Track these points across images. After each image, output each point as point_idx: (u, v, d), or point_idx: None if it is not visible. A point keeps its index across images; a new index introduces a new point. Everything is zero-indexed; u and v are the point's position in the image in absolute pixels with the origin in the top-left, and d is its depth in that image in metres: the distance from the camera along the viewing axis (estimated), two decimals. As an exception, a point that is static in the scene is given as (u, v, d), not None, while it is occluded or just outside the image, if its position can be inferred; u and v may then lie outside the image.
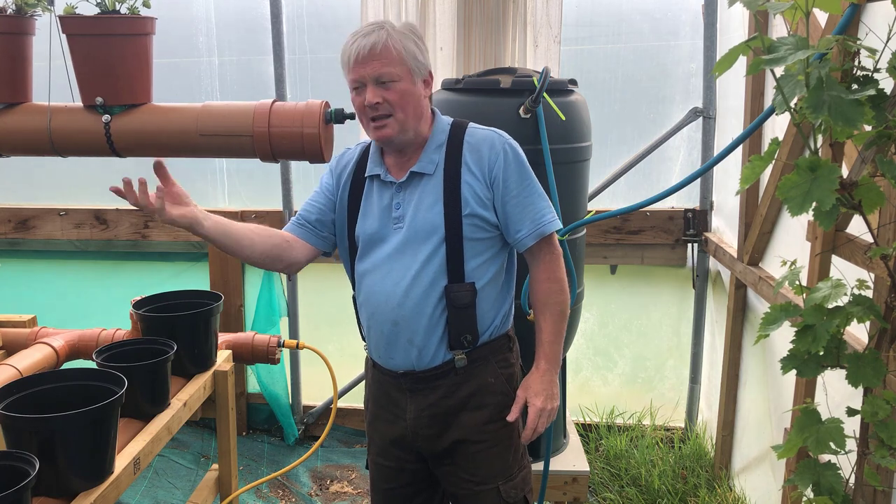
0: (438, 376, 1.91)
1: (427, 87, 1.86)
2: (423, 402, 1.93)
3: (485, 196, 1.85)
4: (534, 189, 1.88)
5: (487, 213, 1.85)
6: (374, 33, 1.77)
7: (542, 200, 1.88)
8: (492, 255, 1.90)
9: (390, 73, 1.77)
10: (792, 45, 1.26)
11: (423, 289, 1.85)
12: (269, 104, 2.27)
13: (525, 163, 1.88)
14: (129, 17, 2.21)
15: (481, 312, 1.89)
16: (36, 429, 1.69)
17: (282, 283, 3.81)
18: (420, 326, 1.87)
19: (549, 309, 1.90)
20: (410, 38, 1.80)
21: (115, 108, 2.28)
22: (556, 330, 1.91)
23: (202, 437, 3.81)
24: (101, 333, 2.57)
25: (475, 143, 1.87)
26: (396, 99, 1.79)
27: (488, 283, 1.89)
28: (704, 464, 3.34)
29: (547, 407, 1.88)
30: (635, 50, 3.50)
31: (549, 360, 1.90)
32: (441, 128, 1.91)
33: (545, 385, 1.89)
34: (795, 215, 1.27)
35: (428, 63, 1.85)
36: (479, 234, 1.86)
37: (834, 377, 1.65)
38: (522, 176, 1.86)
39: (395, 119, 1.81)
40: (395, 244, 1.87)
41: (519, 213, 1.86)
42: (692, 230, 3.51)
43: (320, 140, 2.25)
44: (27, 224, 3.86)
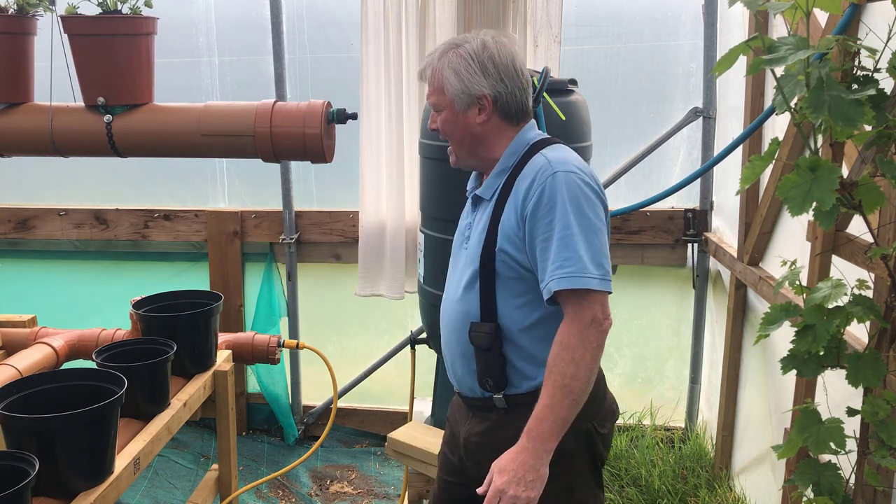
0: (485, 409, 1.81)
1: (483, 113, 1.73)
2: (475, 428, 1.85)
3: (515, 234, 1.69)
4: (561, 233, 1.61)
5: (518, 254, 1.69)
6: (427, 59, 1.77)
7: (565, 250, 1.61)
8: (532, 300, 1.71)
9: (434, 102, 1.77)
10: (792, 44, 1.26)
11: (460, 319, 1.78)
12: (271, 104, 2.27)
13: (564, 201, 1.62)
14: (131, 17, 2.21)
15: (518, 359, 1.73)
16: (36, 429, 1.69)
17: (282, 283, 3.81)
18: (457, 355, 1.81)
19: (551, 378, 1.62)
20: (454, 64, 1.71)
21: (116, 108, 2.28)
22: (551, 404, 1.60)
23: (202, 437, 3.81)
24: (101, 333, 2.58)
25: (527, 171, 1.70)
26: (441, 127, 1.78)
27: (529, 329, 1.72)
28: (704, 464, 3.34)
29: (509, 491, 1.59)
30: (635, 50, 3.50)
31: (530, 437, 1.61)
32: (514, 150, 1.76)
33: (516, 465, 1.61)
34: (796, 215, 1.28)
35: (480, 87, 1.71)
36: (512, 273, 1.71)
37: (834, 377, 1.66)
38: (554, 216, 1.62)
39: (451, 147, 1.81)
40: (459, 265, 1.83)
41: (541, 261, 1.65)
42: (692, 230, 3.51)
43: (322, 140, 2.25)
44: (27, 224, 3.86)
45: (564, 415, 1.61)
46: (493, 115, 1.75)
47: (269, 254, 3.79)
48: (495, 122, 1.76)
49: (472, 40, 1.74)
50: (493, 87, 1.72)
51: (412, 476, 2.69)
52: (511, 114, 1.77)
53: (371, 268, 3.49)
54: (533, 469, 1.61)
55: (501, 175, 1.76)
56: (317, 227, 3.73)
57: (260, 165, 2.48)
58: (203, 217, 3.76)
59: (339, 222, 3.70)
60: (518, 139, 1.78)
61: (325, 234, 3.73)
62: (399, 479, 3.59)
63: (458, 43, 1.75)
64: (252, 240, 3.77)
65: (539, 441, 1.61)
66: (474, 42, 1.74)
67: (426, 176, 2.66)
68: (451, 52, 1.73)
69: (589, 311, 1.61)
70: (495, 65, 1.72)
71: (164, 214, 3.79)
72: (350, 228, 3.67)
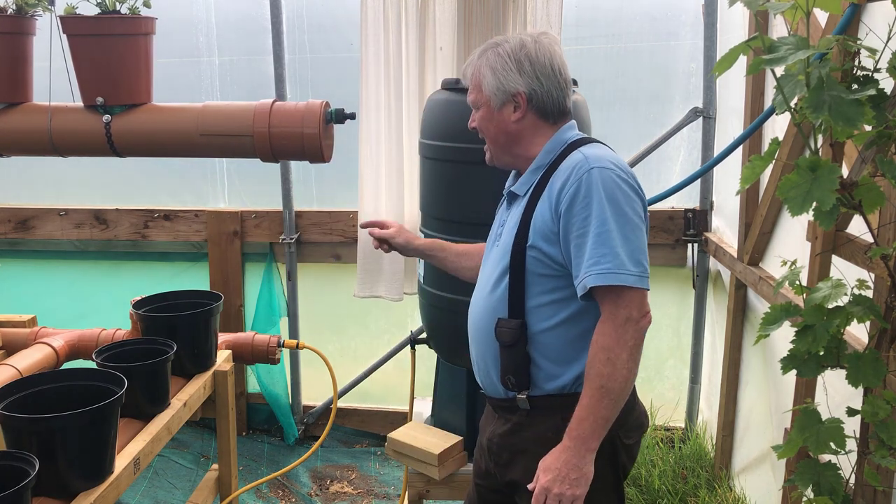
0: (508, 409, 1.80)
1: (518, 110, 1.74)
2: (499, 429, 1.84)
3: (549, 229, 1.67)
4: (598, 229, 1.60)
5: (551, 249, 1.68)
6: (471, 58, 1.80)
7: (601, 246, 1.60)
8: (563, 297, 1.70)
9: (472, 100, 1.80)
10: (792, 44, 1.26)
11: (487, 316, 1.78)
12: (269, 104, 2.27)
13: (601, 196, 1.61)
14: (130, 17, 2.21)
15: (542, 358, 1.73)
16: (36, 429, 1.69)
17: (282, 283, 3.81)
18: (484, 353, 1.81)
19: (589, 380, 1.62)
20: (492, 62, 1.73)
21: (115, 108, 2.28)
22: (590, 405, 1.61)
23: (202, 437, 3.81)
24: (101, 333, 2.58)
25: (563, 167, 1.69)
26: (477, 125, 1.81)
27: (556, 327, 1.71)
28: (704, 464, 3.34)
29: (554, 489, 1.62)
30: (635, 50, 3.50)
31: (572, 437, 1.63)
32: (551, 148, 1.76)
33: (560, 464, 1.63)
34: (796, 215, 1.28)
35: (515, 85, 1.72)
36: (543, 269, 1.70)
37: (834, 377, 1.65)
38: (590, 212, 1.61)
39: (487, 144, 1.83)
40: (489, 262, 1.84)
41: (576, 258, 1.63)
42: (692, 230, 3.51)
43: (320, 140, 2.25)
44: (27, 224, 3.86)
45: (604, 414, 1.62)
46: (528, 113, 1.75)
47: (269, 254, 3.79)
48: (531, 121, 1.76)
49: (513, 39, 1.76)
50: (528, 84, 1.73)
51: (412, 476, 2.69)
52: (547, 112, 1.76)
53: (370, 269, 3.49)
54: (576, 468, 1.62)
55: (537, 172, 1.76)
56: (317, 227, 3.73)
57: (260, 165, 2.48)
58: (203, 217, 3.76)
59: (339, 222, 3.70)
60: (556, 138, 1.77)
61: (325, 234, 3.73)
62: (399, 479, 3.59)
63: (498, 42, 1.76)
64: (252, 240, 3.77)
65: (580, 440, 1.62)
66: (514, 41, 1.75)
67: (426, 176, 2.66)
68: (491, 51, 1.75)
69: (624, 310, 1.60)
70: (531, 63, 1.72)
71: (164, 214, 3.79)
72: (350, 228, 3.67)
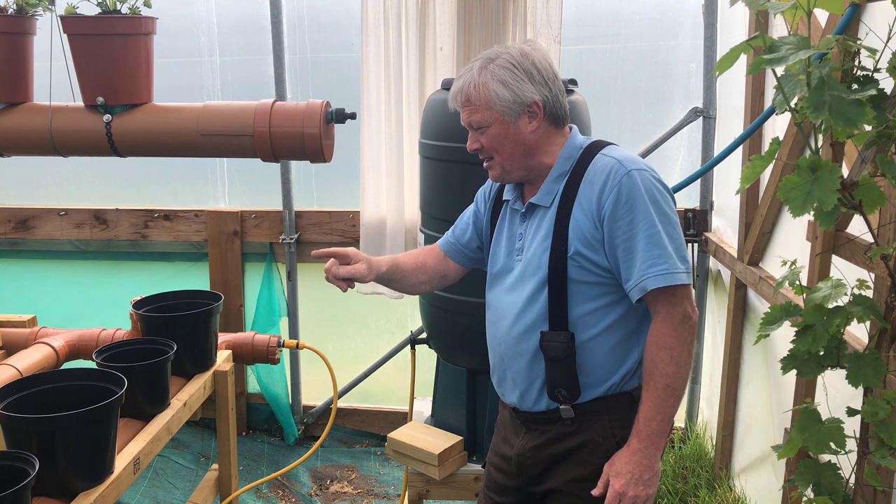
0: (547, 421, 1.78)
1: (533, 120, 1.71)
2: (531, 442, 1.82)
3: (592, 236, 1.67)
4: (647, 232, 1.62)
5: (596, 256, 1.68)
6: (463, 77, 1.72)
7: (654, 248, 1.61)
8: (608, 303, 1.71)
9: (479, 120, 1.72)
10: (793, 44, 1.26)
11: (524, 331, 1.75)
12: (269, 104, 2.27)
13: (643, 199, 1.63)
14: (130, 16, 2.21)
15: (588, 365, 1.72)
16: (36, 429, 1.69)
17: (282, 283, 3.81)
18: (521, 368, 1.77)
19: (653, 380, 1.65)
20: (499, 76, 1.68)
21: (115, 108, 2.28)
22: (656, 405, 1.64)
23: (202, 437, 3.81)
24: (101, 333, 2.57)
25: (594, 174, 1.69)
26: (489, 144, 1.73)
27: (602, 334, 1.71)
28: (704, 464, 3.34)
29: (629, 493, 1.64)
30: (635, 50, 3.50)
31: (641, 438, 1.66)
32: (568, 154, 1.75)
33: (631, 467, 1.65)
34: (797, 216, 1.27)
35: (530, 94, 1.69)
36: (588, 277, 1.69)
37: (834, 377, 1.65)
38: (635, 215, 1.62)
39: (496, 161, 1.76)
40: (513, 277, 1.79)
41: (626, 261, 1.65)
42: (692, 230, 3.51)
43: (321, 140, 2.25)
44: (27, 224, 3.86)
45: (670, 412, 1.66)
46: (542, 122, 1.73)
47: (269, 254, 3.79)
48: (545, 129, 1.74)
49: (509, 50, 1.72)
50: (541, 92, 1.71)
51: (412, 476, 2.69)
52: (557, 118, 1.76)
53: (371, 268, 3.48)
54: (648, 468, 1.66)
55: (560, 180, 1.74)
56: (317, 227, 3.73)
57: (260, 165, 2.48)
58: (203, 217, 3.76)
59: (339, 222, 3.70)
60: (570, 143, 1.77)
61: (325, 234, 3.73)
62: (399, 479, 3.59)
63: (492, 56, 1.72)
64: (252, 240, 3.77)
65: (650, 440, 1.65)
66: (512, 51, 1.72)
67: (426, 176, 2.66)
68: (491, 65, 1.70)
69: (681, 308, 1.64)
70: (538, 70, 1.71)
71: (164, 214, 3.79)
72: (350, 228, 3.67)
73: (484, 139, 1.73)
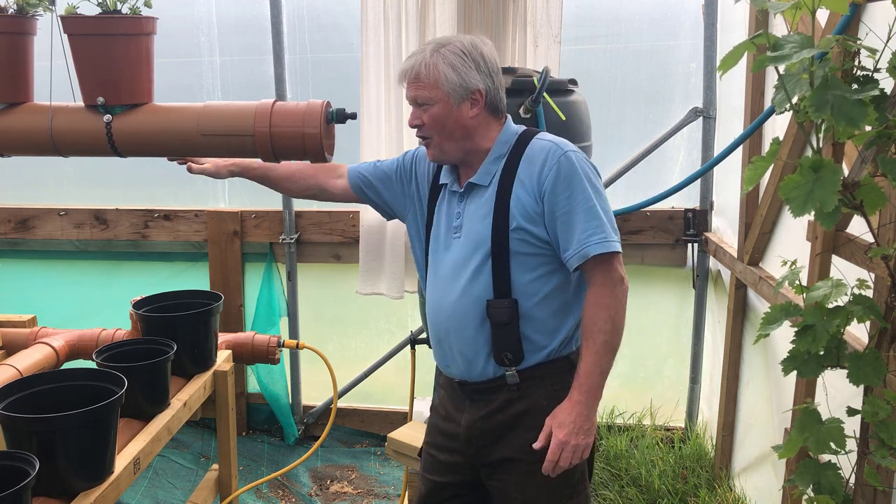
0: (493, 390, 1.89)
1: (475, 107, 1.83)
2: (478, 413, 1.92)
3: (533, 211, 1.81)
4: (585, 205, 1.77)
5: (536, 229, 1.81)
6: (414, 57, 1.84)
7: (592, 219, 1.77)
8: (546, 272, 1.84)
9: (423, 96, 1.83)
10: (797, 43, 1.26)
11: (470, 302, 1.85)
12: (270, 104, 2.27)
13: (581, 177, 1.79)
14: (131, 17, 2.21)
15: (531, 331, 1.85)
16: (36, 429, 1.69)
17: (282, 283, 3.81)
18: (468, 339, 1.87)
19: (592, 337, 1.79)
20: (449, 59, 1.80)
21: (116, 108, 2.28)
22: (596, 360, 1.78)
23: (202, 437, 3.81)
24: (101, 333, 2.57)
25: (532, 154, 1.83)
26: (430, 122, 1.84)
27: (541, 301, 1.84)
28: (705, 464, 3.34)
29: (571, 441, 1.77)
30: (635, 50, 3.50)
31: (582, 391, 1.79)
32: (505, 139, 1.88)
33: (573, 417, 1.78)
34: (798, 216, 1.27)
35: (475, 82, 1.81)
36: (528, 248, 1.82)
37: (834, 377, 1.66)
38: (573, 190, 1.78)
39: (434, 141, 1.87)
40: (453, 255, 1.89)
41: (565, 232, 1.79)
42: (692, 230, 3.50)
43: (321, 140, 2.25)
44: (27, 224, 3.86)
45: (607, 367, 1.80)
46: (482, 110, 1.85)
47: (269, 254, 3.79)
48: (484, 116, 1.87)
49: (459, 39, 1.85)
50: (484, 81, 1.84)
51: (412, 476, 2.69)
52: (496, 108, 1.89)
53: (372, 266, 3.49)
54: (588, 418, 1.80)
55: (498, 161, 1.87)
56: (317, 227, 3.73)
57: (260, 165, 2.48)
58: (203, 217, 3.76)
59: (339, 222, 3.70)
60: (506, 130, 1.91)
61: (325, 234, 3.73)
62: (399, 479, 3.59)
63: (443, 42, 1.84)
64: (252, 240, 3.77)
65: (590, 393, 1.79)
66: (464, 40, 1.85)
67: (426, 176, 2.66)
68: (444, 49, 1.82)
69: (616, 273, 1.79)
70: (485, 61, 1.85)
71: (164, 214, 3.79)
72: (350, 228, 3.67)
73: (426, 117, 1.84)
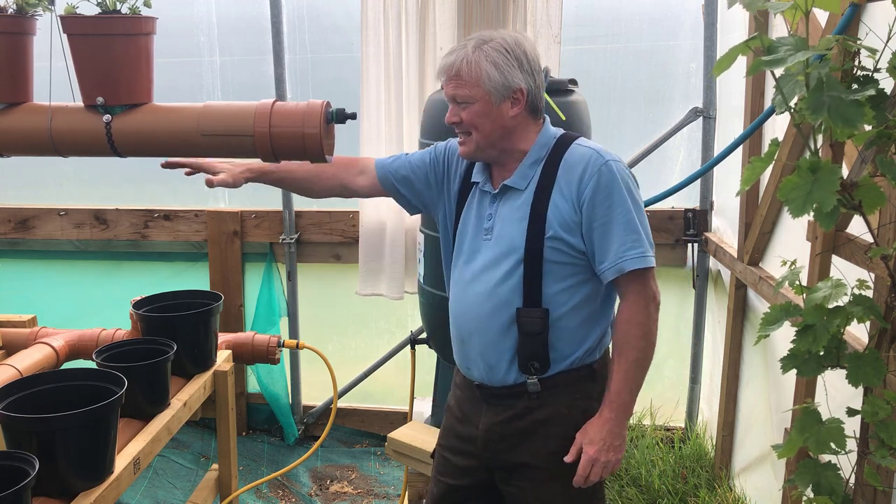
0: (512, 395, 1.86)
1: (516, 105, 1.79)
2: (496, 418, 1.89)
3: (571, 220, 1.77)
4: (624, 217, 1.74)
5: (572, 238, 1.77)
6: (455, 53, 1.79)
7: (630, 233, 1.73)
8: (577, 282, 1.81)
9: (464, 94, 1.78)
10: (791, 45, 1.26)
11: (497, 307, 1.82)
12: (269, 104, 2.27)
13: (621, 188, 1.75)
14: (130, 17, 2.21)
15: (557, 340, 1.81)
16: (36, 429, 1.69)
17: (282, 283, 3.81)
18: (492, 344, 1.84)
19: (624, 354, 1.77)
20: (492, 57, 1.75)
21: (115, 108, 2.28)
22: (627, 377, 1.77)
23: (202, 437, 3.81)
24: (101, 333, 2.57)
25: (572, 162, 1.79)
26: (469, 120, 1.79)
27: (570, 311, 1.81)
28: (705, 464, 3.34)
29: (601, 458, 1.77)
30: (635, 50, 3.50)
31: (613, 408, 1.78)
32: (543, 142, 1.84)
33: (604, 434, 1.77)
34: (797, 217, 1.27)
35: (518, 81, 1.77)
36: (562, 257, 1.78)
37: (834, 377, 1.65)
38: (613, 201, 1.74)
39: (472, 138, 1.82)
40: (482, 257, 1.85)
41: (602, 243, 1.75)
42: (692, 230, 3.50)
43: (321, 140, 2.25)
44: (27, 224, 3.86)
45: (639, 383, 1.79)
46: (523, 110, 1.81)
47: (269, 254, 3.79)
48: (523, 116, 1.82)
49: (501, 35, 1.79)
50: (526, 80, 1.79)
51: (412, 476, 2.69)
52: (536, 109, 1.84)
53: (371, 267, 3.49)
54: (618, 435, 1.79)
55: (535, 166, 1.83)
56: (317, 227, 3.73)
57: (260, 165, 2.48)
58: (203, 217, 3.76)
59: (339, 222, 3.70)
60: (545, 133, 1.86)
61: (325, 234, 3.73)
62: (399, 479, 3.59)
63: (485, 39, 1.78)
64: (252, 240, 3.76)
65: (621, 410, 1.78)
66: (506, 37, 1.79)
67: (426, 176, 2.65)
68: (486, 46, 1.76)
69: (650, 289, 1.78)
70: (528, 59, 1.80)
71: (164, 214, 3.79)
72: (350, 228, 3.67)
73: (465, 114, 1.80)
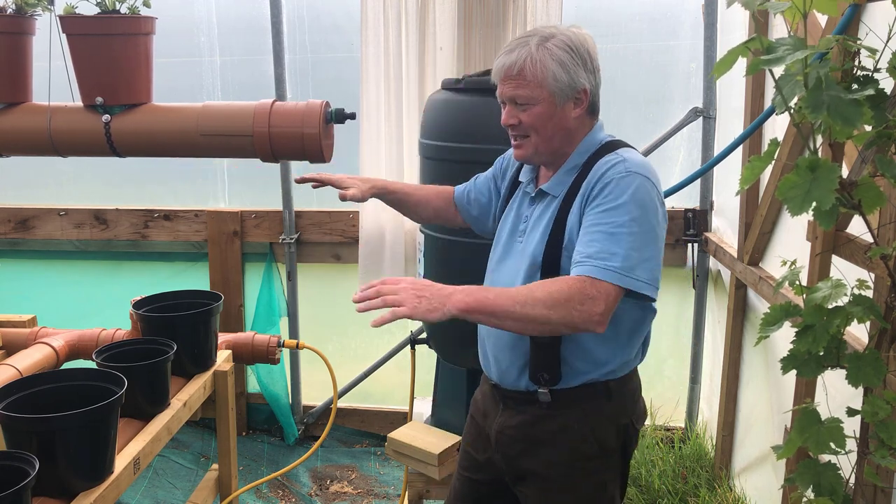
0: (524, 401, 1.79)
1: (578, 106, 1.70)
2: (509, 421, 1.83)
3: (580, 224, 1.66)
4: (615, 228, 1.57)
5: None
6: (517, 51, 1.66)
7: (615, 245, 1.55)
8: None
9: (525, 95, 1.67)
10: (790, 45, 1.26)
11: None
12: (269, 104, 2.27)
13: (627, 200, 1.58)
14: (129, 16, 2.21)
15: (570, 355, 1.71)
16: (36, 429, 1.69)
17: (282, 283, 3.81)
18: (503, 347, 1.78)
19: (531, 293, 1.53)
20: (558, 56, 1.64)
21: (114, 108, 2.28)
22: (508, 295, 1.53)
23: (202, 437, 3.81)
24: (101, 333, 2.57)
25: (597, 167, 1.67)
26: (530, 122, 1.69)
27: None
28: (705, 464, 3.34)
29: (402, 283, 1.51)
30: (635, 50, 3.50)
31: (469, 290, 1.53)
32: (585, 149, 1.74)
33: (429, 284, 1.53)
34: (795, 215, 1.27)
35: (582, 81, 1.67)
36: None
37: (834, 377, 1.65)
38: (612, 209, 1.59)
39: (531, 141, 1.72)
40: (511, 261, 1.80)
41: (583, 241, 1.60)
42: (692, 230, 3.50)
43: (320, 140, 2.25)
44: (27, 224, 3.86)
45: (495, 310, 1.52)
46: (584, 110, 1.72)
47: (268, 254, 3.79)
48: (583, 117, 1.74)
49: (563, 31, 1.68)
50: (590, 80, 1.70)
51: (412, 476, 2.69)
52: (595, 109, 1.76)
53: (371, 268, 3.49)
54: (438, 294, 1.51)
55: (571, 173, 1.73)
56: (317, 227, 3.73)
57: (260, 165, 2.48)
58: (203, 217, 3.76)
59: (339, 222, 3.70)
60: (590, 137, 1.76)
61: (325, 234, 3.73)
62: (399, 479, 3.59)
63: (547, 35, 1.67)
64: (252, 240, 3.77)
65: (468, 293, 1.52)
66: (568, 33, 1.68)
67: (426, 176, 2.66)
68: (549, 44, 1.65)
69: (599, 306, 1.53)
70: (591, 58, 1.70)
71: (164, 214, 3.79)
72: (350, 228, 3.67)
73: (525, 116, 1.69)
